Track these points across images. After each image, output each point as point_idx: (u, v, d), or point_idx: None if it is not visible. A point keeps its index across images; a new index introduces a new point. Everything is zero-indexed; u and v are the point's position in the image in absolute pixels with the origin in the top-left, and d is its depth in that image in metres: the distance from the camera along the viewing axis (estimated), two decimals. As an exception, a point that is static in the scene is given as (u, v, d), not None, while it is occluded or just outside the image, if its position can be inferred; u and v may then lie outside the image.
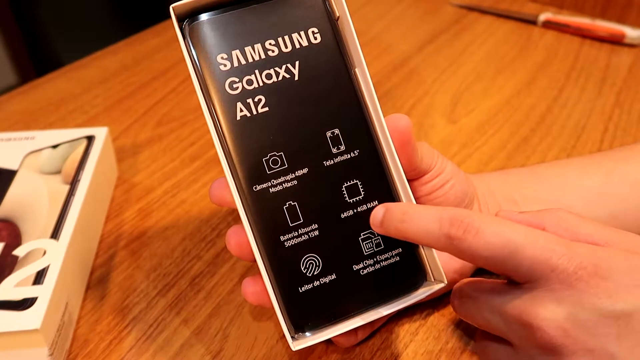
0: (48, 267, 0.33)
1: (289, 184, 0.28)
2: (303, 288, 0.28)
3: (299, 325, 0.28)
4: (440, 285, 0.29)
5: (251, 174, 0.28)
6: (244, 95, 0.28)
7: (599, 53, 0.63)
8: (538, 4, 0.74)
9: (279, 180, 0.28)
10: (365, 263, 0.29)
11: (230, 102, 0.28)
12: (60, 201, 0.38)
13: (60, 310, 0.33)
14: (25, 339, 0.30)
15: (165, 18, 0.59)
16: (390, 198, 0.29)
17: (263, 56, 0.28)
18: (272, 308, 0.28)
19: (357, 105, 0.29)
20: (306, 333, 0.28)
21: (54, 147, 0.42)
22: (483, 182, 0.36)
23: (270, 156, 0.28)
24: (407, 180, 0.29)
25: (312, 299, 0.28)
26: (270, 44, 0.29)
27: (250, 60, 0.28)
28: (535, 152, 0.49)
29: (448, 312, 0.35)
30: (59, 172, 0.40)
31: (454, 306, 0.30)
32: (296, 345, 0.27)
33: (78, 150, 0.42)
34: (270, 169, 0.28)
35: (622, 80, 0.58)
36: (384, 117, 0.29)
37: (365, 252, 0.29)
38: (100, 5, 1.83)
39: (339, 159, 0.29)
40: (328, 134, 0.29)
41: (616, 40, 0.64)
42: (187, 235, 0.41)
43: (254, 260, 0.28)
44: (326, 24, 0.29)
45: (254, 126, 0.28)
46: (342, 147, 0.29)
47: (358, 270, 0.29)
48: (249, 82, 0.28)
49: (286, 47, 0.29)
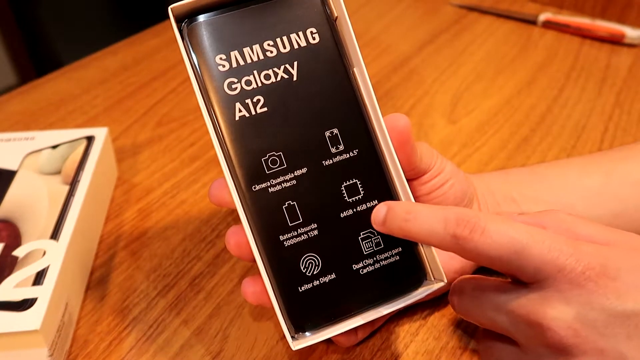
0: (48, 267, 0.33)
1: (288, 184, 0.28)
2: (303, 288, 0.28)
3: (299, 325, 0.28)
4: (440, 285, 0.28)
5: (250, 174, 0.28)
6: (242, 96, 0.28)
7: (599, 53, 0.63)
8: (538, 4, 0.74)
9: (278, 180, 0.28)
10: (365, 262, 0.29)
11: (229, 103, 0.28)
12: (60, 202, 0.38)
13: (60, 311, 0.33)
14: (25, 340, 0.30)
15: (165, 18, 0.59)
16: (389, 197, 0.29)
17: (261, 57, 0.28)
18: (272, 308, 0.28)
19: (355, 105, 0.29)
20: (306, 333, 0.28)
21: (54, 147, 0.42)
22: (482, 181, 0.36)
23: (269, 156, 0.28)
24: (407, 179, 0.29)
25: (311, 299, 0.28)
26: (268, 44, 0.28)
27: (248, 60, 0.28)
28: (536, 152, 0.49)
29: (448, 312, 0.35)
30: (58, 172, 0.40)
31: (453, 304, 0.30)
32: (296, 345, 0.27)
33: (78, 151, 0.42)
34: (269, 168, 0.28)
35: (622, 80, 0.58)
36: (382, 116, 0.29)
37: (365, 251, 0.29)
38: (100, 5, 1.83)
39: (338, 158, 0.29)
40: (327, 133, 0.29)
41: (616, 40, 0.64)
42: (187, 236, 0.41)
43: (253, 260, 0.28)
44: (324, 24, 0.29)
45: (253, 126, 0.28)
46: (341, 147, 0.29)
47: (358, 269, 0.29)
48: (248, 83, 0.28)
49: (284, 47, 0.29)
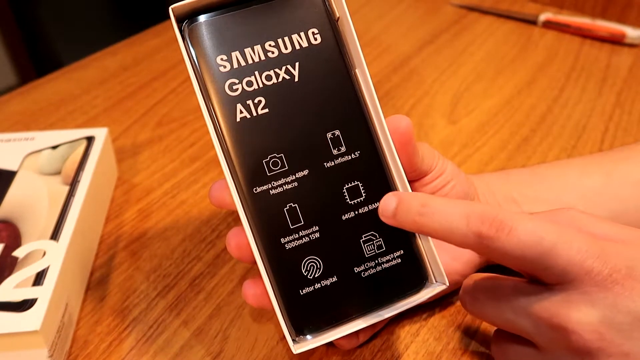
0: (48, 268, 0.33)
1: (290, 186, 0.28)
2: (304, 291, 0.28)
3: (300, 328, 0.28)
4: (442, 287, 0.28)
5: (251, 175, 0.28)
6: (243, 97, 0.28)
7: (599, 53, 0.63)
8: (538, 4, 0.74)
9: (280, 182, 0.28)
10: (367, 265, 0.29)
11: (230, 104, 0.28)
12: (60, 202, 0.37)
13: (60, 312, 0.33)
14: (25, 340, 0.30)
15: (165, 18, 0.59)
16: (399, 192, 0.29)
17: (263, 57, 0.28)
18: (273, 311, 0.28)
19: (357, 106, 0.29)
20: (307, 336, 0.28)
21: (54, 147, 0.42)
22: (483, 182, 0.36)
23: (271, 158, 0.28)
24: (408, 181, 0.29)
25: (313, 302, 0.28)
26: (270, 45, 0.28)
27: (250, 61, 0.28)
28: (536, 153, 0.49)
29: (449, 313, 0.35)
30: (58, 172, 0.40)
31: (464, 303, 0.29)
32: (297, 348, 0.27)
33: (78, 151, 0.42)
34: (270, 170, 0.28)
35: (622, 80, 0.58)
36: (384, 118, 0.29)
37: (367, 254, 0.29)
38: (100, 5, 1.82)
39: (339, 160, 0.29)
40: (328, 135, 0.29)
41: (616, 40, 0.64)
42: (187, 236, 0.41)
43: (254, 262, 0.28)
44: (326, 24, 0.29)
45: (254, 128, 0.28)
46: (343, 149, 0.29)
47: (359, 272, 0.28)
48: (249, 84, 0.28)
49: (286, 48, 0.29)
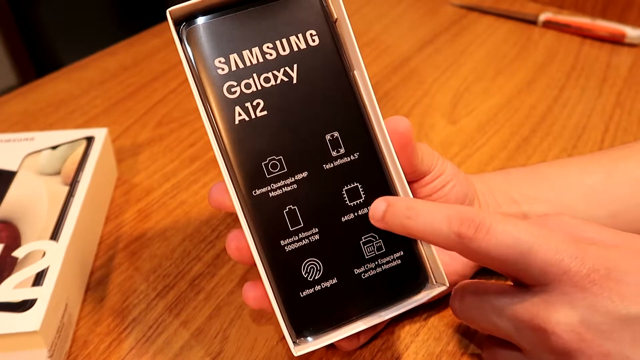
0: (47, 268, 0.33)
1: (289, 188, 0.28)
2: (304, 293, 0.28)
3: (300, 330, 0.28)
4: (442, 288, 0.28)
5: (250, 178, 0.28)
6: (242, 99, 0.28)
7: (599, 53, 0.63)
8: (538, 4, 0.74)
9: (279, 184, 0.28)
10: (367, 267, 0.29)
11: (228, 106, 0.28)
12: (60, 202, 0.37)
13: (60, 312, 0.33)
14: (24, 341, 0.30)
15: (165, 19, 0.59)
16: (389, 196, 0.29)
17: (261, 60, 0.28)
18: (273, 313, 0.28)
19: (356, 108, 0.29)
20: (308, 338, 0.28)
21: (54, 148, 0.42)
22: (483, 182, 0.36)
23: (270, 160, 0.28)
24: (408, 182, 0.29)
25: (313, 304, 0.28)
26: (268, 47, 0.28)
27: (248, 63, 0.28)
28: (536, 153, 0.49)
29: (449, 314, 0.35)
30: (58, 173, 0.40)
31: (454, 309, 0.30)
32: (298, 350, 0.27)
33: (78, 151, 0.42)
34: (269, 173, 0.28)
35: (622, 80, 0.58)
36: (383, 119, 0.29)
37: (367, 255, 0.29)
38: (100, 6, 1.82)
39: (338, 162, 0.29)
40: (327, 137, 0.29)
41: (616, 40, 0.64)
42: (186, 237, 0.41)
43: (254, 264, 0.28)
44: (324, 26, 0.29)
45: (253, 130, 0.28)
46: (342, 150, 0.29)
47: (359, 274, 0.28)
48: (247, 86, 0.28)
49: (284, 50, 0.28)
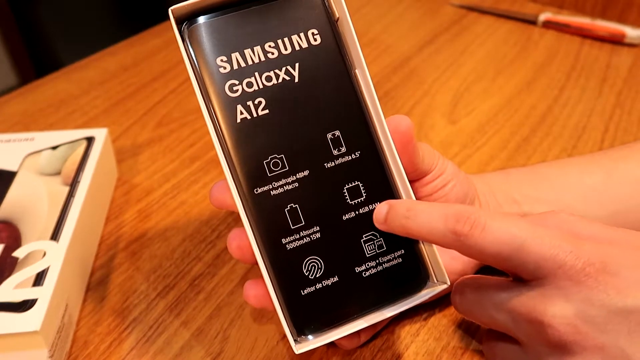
0: (48, 268, 0.33)
1: (290, 187, 0.28)
2: (305, 291, 0.28)
3: (301, 328, 0.28)
4: (443, 287, 0.28)
5: (252, 176, 0.28)
6: (244, 98, 0.28)
7: (599, 53, 0.63)
8: (538, 4, 0.74)
9: (280, 182, 0.28)
10: (368, 265, 0.29)
11: (230, 105, 0.28)
12: (60, 202, 0.37)
13: (60, 312, 0.33)
14: (25, 341, 0.30)
15: (165, 19, 0.59)
16: (392, 199, 0.29)
17: (263, 58, 0.28)
18: (275, 311, 0.28)
19: (357, 107, 0.29)
20: (309, 336, 0.28)
21: (54, 148, 0.42)
22: (483, 182, 0.36)
23: (271, 159, 0.28)
24: (409, 181, 0.29)
25: (314, 302, 0.28)
26: (269, 46, 0.28)
27: (250, 62, 0.28)
28: (536, 153, 0.49)
29: (449, 313, 0.35)
30: (58, 173, 0.40)
31: (455, 303, 0.30)
32: (299, 348, 0.27)
33: (78, 152, 0.42)
34: (271, 171, 0.28)
35: (622, 80, 0.58)
36: (384, 118, 0.29)
37: (368, 254, 0.29)
38: (100, 6, 1.82)
39: (340, 160, 0.29)
40: (329, 135, 0.29)
41: (616, 40, 0.64)
42: (187, 237, 0.41)
43: (255, 263, 0.28)
44: (326, 25, 0.29)
45: (255, 129, 0.28)
46: (343, 149, 0.29)
47: (360, 272, 0.29)
48: (249, 85, 0.28)
49: (286, 49, 0.29)
